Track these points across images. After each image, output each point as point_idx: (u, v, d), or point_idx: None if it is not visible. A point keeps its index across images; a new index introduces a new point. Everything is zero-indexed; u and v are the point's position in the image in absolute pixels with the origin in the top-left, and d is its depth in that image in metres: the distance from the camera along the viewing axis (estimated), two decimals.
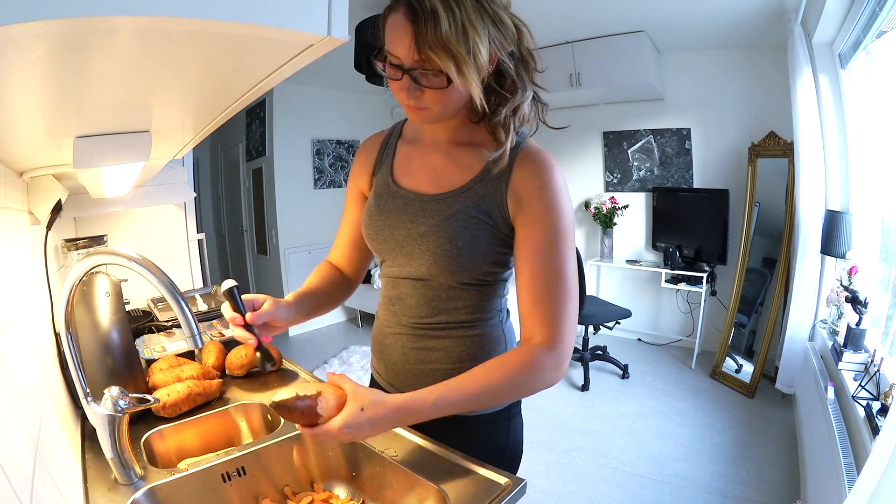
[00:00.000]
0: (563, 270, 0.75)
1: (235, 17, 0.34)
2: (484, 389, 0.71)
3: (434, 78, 0.69)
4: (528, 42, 0.76)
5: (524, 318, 0.77)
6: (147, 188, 1.68)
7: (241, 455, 0.86)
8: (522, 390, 0.74)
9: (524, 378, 0.72)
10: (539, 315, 0.75)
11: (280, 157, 4.20)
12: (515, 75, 0.75)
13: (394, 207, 0.85)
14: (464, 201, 0.80)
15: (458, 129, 0.83)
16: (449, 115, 0.78)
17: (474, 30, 0.66)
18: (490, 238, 0.80)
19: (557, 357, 0.73)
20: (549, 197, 0.76)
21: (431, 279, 0.83)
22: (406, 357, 0.89)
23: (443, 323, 0.86)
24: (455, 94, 0.72)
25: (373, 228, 0.87)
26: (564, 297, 0.75)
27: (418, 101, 0.73)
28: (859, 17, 1.99)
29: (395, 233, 0.84)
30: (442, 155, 0.85)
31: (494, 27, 0.69)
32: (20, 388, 0.65)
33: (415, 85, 0.71)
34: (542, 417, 2.78)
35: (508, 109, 0.76)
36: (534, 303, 0.75)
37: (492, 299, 0.87)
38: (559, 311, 0.74)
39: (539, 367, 0.72)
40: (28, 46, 0.32)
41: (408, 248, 0.83)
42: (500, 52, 0.72)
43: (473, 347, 0.86)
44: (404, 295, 0.87)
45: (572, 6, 2.87)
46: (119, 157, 0.68)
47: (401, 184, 0.87)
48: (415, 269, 0.84)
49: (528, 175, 0.77)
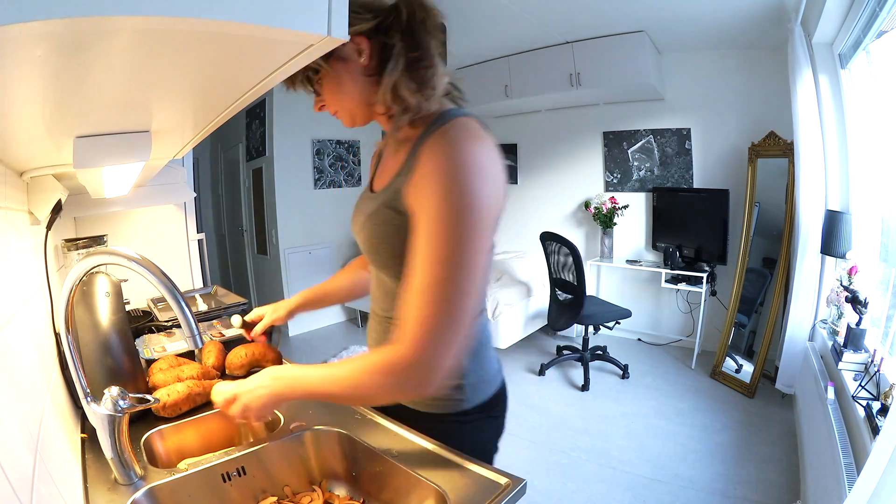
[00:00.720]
0: (436, 269, 0.64)
1: (235, 17, 0.34)
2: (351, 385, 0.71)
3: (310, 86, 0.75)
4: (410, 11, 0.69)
5: (401, 308, 0.69)
6: (147, 188, 1.68)
7: (241, 455, 0.86)
8: (378, 394, 0.73)
9: (377, 381, 0.67)
10: (414, 315, 0.65)
11: (280, 157, 4.20)
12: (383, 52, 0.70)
13: (359, 208, 0.90)
14: (382, 198, 0.78)
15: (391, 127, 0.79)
16: (357, 113, 0.78)
17: None
18: (402, 233, 0.72)
19: (410, 363, 0.64)
20: (439, 180, 0.65)
21: (378, 271, 0.87)
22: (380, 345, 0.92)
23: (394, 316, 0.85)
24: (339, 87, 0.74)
25: (353, 229, 0.93)
26: (444, 303, 0.64)
27: (328, 108, 0.78)
28: (859, 17, 1.99)
29: (357, 234, 0.89)
30: (391, 154, 0.86)
31: None
32: (20, 388, 0.65)
33: (317, 97, 0.77)
34: (542, 417, 2.78)
35: (381, 93, 0.71)
36: (410, 298, 0.67)
37: None
38: (433, 322, 0.64)
39: (390, 371, 0.66)
40: (28, 46, 0.32)
41: None
42: (359, 39, 0.69)
43: None
44: (374, 287, 0.91)
45: (572, 6, 2.87)
46: (119, 157, 0.68)
47: (373, 187, 0.89)
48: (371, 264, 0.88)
49: (426, 158, 0.68)
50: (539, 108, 4.19)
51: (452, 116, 0.72)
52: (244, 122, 4.54)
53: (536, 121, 4.33)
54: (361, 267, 1.11)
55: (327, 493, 0.86)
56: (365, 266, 1.09)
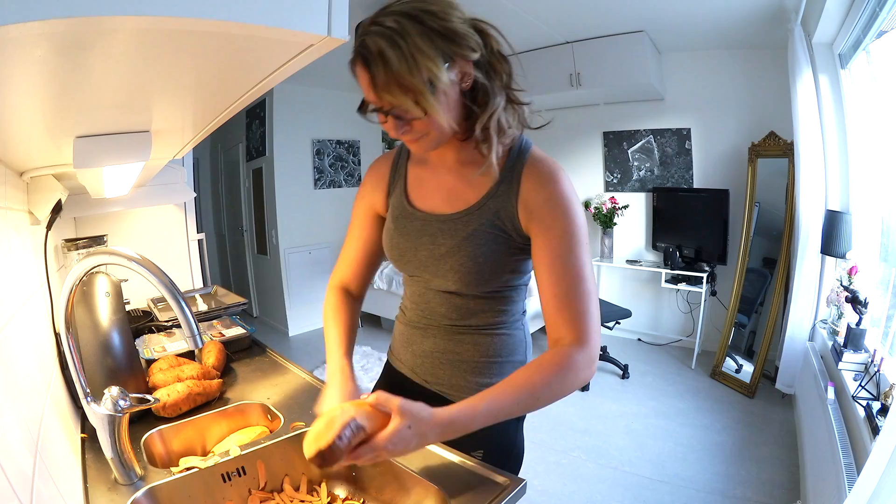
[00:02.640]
0: (581, 272, 0.77)
1: (235, 17, 0.34)
2: (528, 392, 0.72)
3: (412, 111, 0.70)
4: (498, 45, 0.75)
5: (551, 322, 0.79)
6: (147, 188, 1.68)
7: (241, 455, 0.86)
8: (561, 390, 0.75)
9: (562, 378, 0.74)
10: (565, 318, 0.77)
11: (280, 157, 4.20)
12: (484, 84, 0.74)
13: (413, 229, 0.88)
14: (479, 219, 0.83)
15: (461, 148, 0.84)
16: (447, 138, 0.78)
17: (425, 56, 0.65)
18: (507, 250, 0.83)
19: (589, 354, 0.76)
20: (560, 204, 0.78)
21: (457, 292, 0.88)
22: (437, 347, 0.93)
23: (472, 326, 0.90)
24: (441, 116, 0.71)
25: (395, 251, 0.91)
26: (586, 297, 0.77)
27: (411, 135, 0.75)
28: (859, 18, 1.99)
29: (417, 254, 0.88)
30: (452, 175, 0.87)
31: (449, 42, 0.68)
32: (20, 388, 0.65)
33: (400, 122, 0.73)
34: (542, 417, 2.78)
35: (481, 124, 0.76)
36: (558, 307, 0.77)
37: (515, 303, 0.92)
38: (584, 311, 0.76)
39: (575, 365, 0.74)
40: (28, 46, 0.32)
41: (432, 268, 0.87)
42: (468, 64, 0.71)
43: (501, 345, 0.91)
44: (433, 304, 0.92)
45: (572, 6, 2.87)
46: (119, 157, 0.68)
47: (416, 205, 0.89)
48: (441, 283, 0.88)
49: (536, 186, 0.80)
50: (539, 108, 4.14)
51: (528, 144, 0.85)
52: (244, 122, 4.54)
53: (536, 121, 4.32)
54: (346, 299, 0.98)
55: (328, 494, 0.86)
56: (347, 298, 0.98)
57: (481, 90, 0.75)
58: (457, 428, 0.68)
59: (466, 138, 0.80)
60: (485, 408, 0.69)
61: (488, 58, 0.74)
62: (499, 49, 0.75)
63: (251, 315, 4.99)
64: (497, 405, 0.70)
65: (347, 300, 0.99)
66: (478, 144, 0.79)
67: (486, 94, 0.75)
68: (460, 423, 0.68)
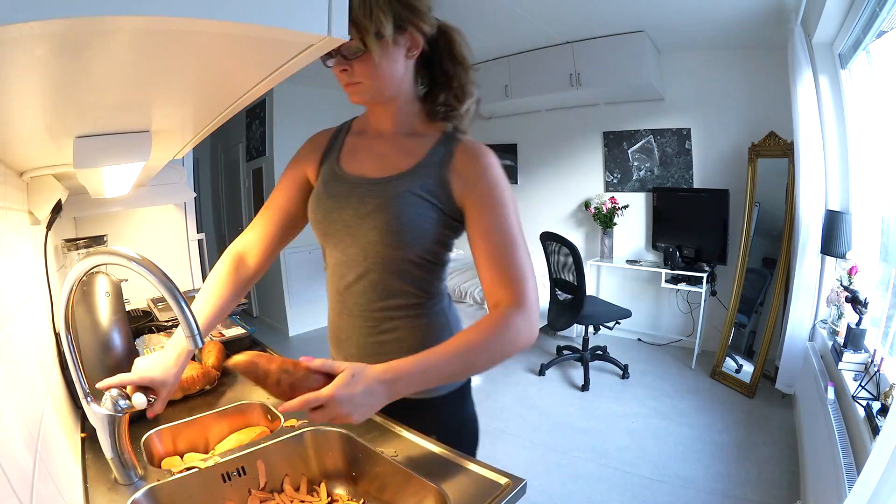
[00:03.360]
0: (515, 238, 0.82)
1: (235, 17, 0.34)
2: (464, 352, 0.75)
3: (353, 52, 0.76)
4: (459, 48, 0.87)
5: (488, 288, 0.82)
6: (147, 188, 1.68)
7: (241, 455, 0.86)
8: (500, 350, 0.77)
9: (500, 337, 0.76)
10: (503, 281, 0.80)
11: (280, 157, 4.20)
12: (450, 72, 0.86)
13: (340, 191, 0.89)
14: (409, 182, 0.85)
15: (398, 119, 0.89)
16: (382, 91, 0.83)
17: (379, 7, 0.72)
18: (436, 218, 0.85)
19: (527, 315, 0.78)
20: (494, 176, 0.84)
21: (377, 262, 0.86)
22: (363, 351, 0.92)
23: (391, 308, 0.89)
24: (379, 67, 0.78)
25: (320, 212, 0.90)
26: (522, 261, 0.81)
27: (351, 77, 0.80)
28: (859, 18, 1.99)
29: (342, 214, 0.87)
30: (386, 143, 0.90)
31: (405, 8, 0.76)
32: (20, 388, 0.65)
33: (343, 61, 0.78)
34: (542, 417, 2.78)
35: (449, 93, 0.87)
36: (495, 272, 0.81)
37: (434, 283, 0.92)
38: (520, 275, 0.80)
39: (513, 326, 0.77)
40: (28, 46, 0.32)
41: (354, 228, 0.86)
42: (418, 36, 0.80)
43: (423, 335, 0.91)
44: (350, 283, 0.90)
45: (572, 6, 2.87)
46: (119, 157, 0.68)
47: (346, 170, 0.91)
48: (360, 249, 0.87)
49: (470, 159, 0.85)
50: (539, 108, 4.19)
51: (464, 132, 0.91)
52: (244, 122, 4.54)
53: (536, 121, 4.33)
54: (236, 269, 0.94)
55: (329, 494, 0.86)
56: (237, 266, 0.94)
57: (438, 69, 0.87)
58: (397, 380, 0.71)
59: (423, 107, 0.89)
60: (418, 361, 0.73)
61: (452, 53, 0.86)
62: (457, 49, 0.87)
63: (251, 315, 4.99)
64: (430, 361, 0.73)
65: (234, 274, 0.93)
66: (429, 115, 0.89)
67: (445, 74, 0.87)
68: (401, 375, 0.71)
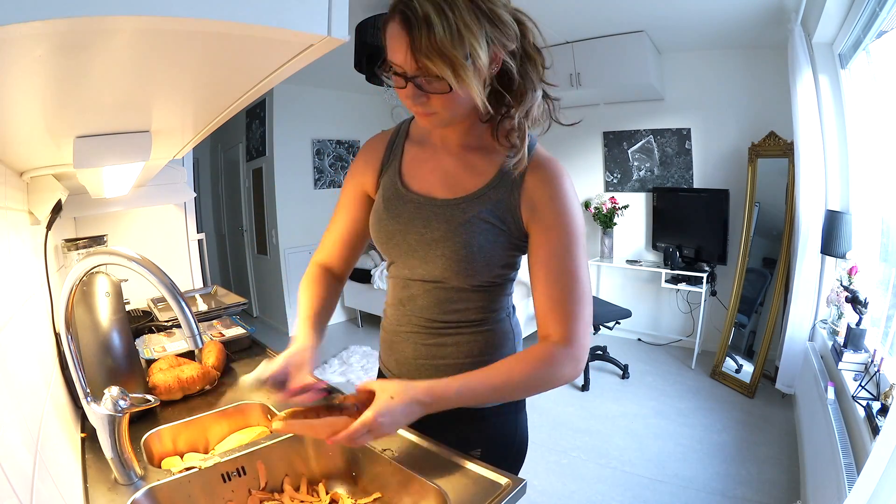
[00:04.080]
0: (577, 273, 0.78)
1: (235, 17, 0.34)
2: (505, 381, 0.74)
3: (437, 83, 0.69)
4: (534, 38, 0.74)
5: (542, 319, 0.79)
6: (147, 188, 1.68)
7: (241, 455, 0.86)
8: (540, 384, 0.76)
9: (543, 372, 0.75)
10: (556, 316, 0.77)
11: (280, 157, 4.20)
12: (521, 75, 0.74)
13: (404, 212, 0.84)
14: (478, 207, 0.80)
15: (468, 132, 0.83)
16: (459, 119, 0.77)
17: (470, 32, 0.64)
18: (503, 244, 0.81)
19: (574, 354, 0.76)
20: (562, 204, 0.79)
21: (444, 282, 0.84)
22: (418, 353, 0.90)
23: (454, 322, 0.87)
24: (462, 98, 0.71)
25: (383, 233, 0.87)
26: (579, 298, 0.77)
27: (426, 108, 0.73)
28: (859, 17, 1.99)
29: (406, 237, 0.84)
30: (453, 159, 0.84)
31: (492, 26, 0.67)
32: (20, 388, 0.65)
33: (419, 92, 0.71)
34: (542, 417, 2.78)
35: (521, 112, 0.75)
36: (551, 305, 0.78)
37: (500, 298, 0.89)
38: (574, 312, 0.77)
39: (557, 362, 0.75)
40: (28, 46, 0.32)
41: (421, 253, 0.83)
42: (502, 51, 0.70)
43: (484, 343, 0.88)
44: (415, 296, 0.88)
45: (572, 6, 2.86)
46: (119, 157, 0.68)
47: (410, 187, 0.85)
48: (427, 272, 0.84)
49: (541, 183, 0.79)
50: None
51: (534, 142, 0.83)
52: (244, 122, 4.54)
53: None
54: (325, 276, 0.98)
55: (332, 493, 0.86)
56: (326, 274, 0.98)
57: (516, 80, 0.74)
58: (434, 398, 0.71)
59: (488, 121, 0.80)
60: (460, 385, 0.73)
61: (525, 49, 0.73)
62: (534, 41, 0.74)
63: (251, 315, 4.99)
64: (471, 385, 0.73)
65: (326, 275, 0.97)
66: (509, 133, 0.78)
67: (523, 85, 0.75)
68: (437, 394, 0.71)
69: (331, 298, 0.94)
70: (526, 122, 0.77)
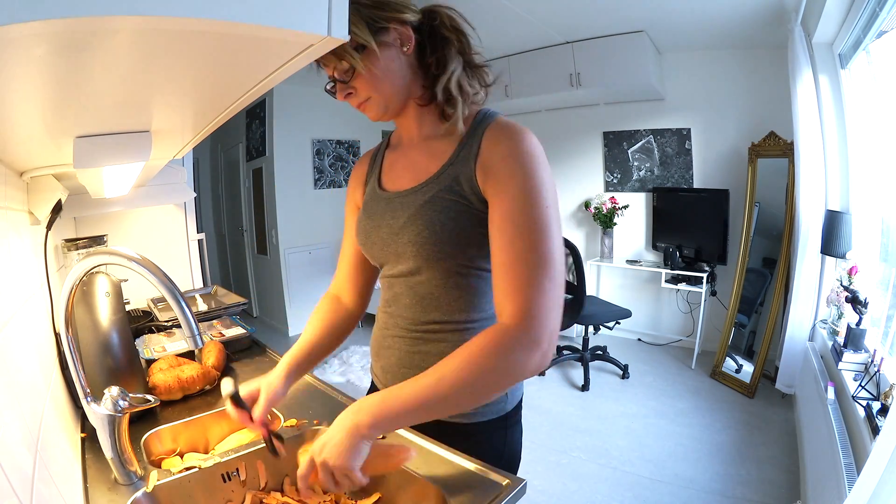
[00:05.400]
0: (536, 238, 0.67)
1: (235, 17, 0.34)
2: (434, 382, 0.63)
3: (345, 73, 0.73)
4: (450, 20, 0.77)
5: (495, 294, 0.69)
6: (147, 188, 1.68)
7: (241, 455, 0.86)
8: (491, 377, 0.63)
9: (488, 361, 0.62)
10: (508, 287, 0.67)
11: (280, 157, 4.20)
12: (433, 48, 0.77)
13: (377, 209, 0.86)
14: (436, 187, 0.78)
15: (421, 119, 0.84)
16: (394, 101, 0.79)
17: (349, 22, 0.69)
18: (468, 219, 0.76)
19: (531, 335, 0.63)
20: (519, 162, 0.71)
21: (419, 274, 0.82)
22: (402, 361, 0.87)
23: (436, 322, 0.83)
24: (378, 76, 0.74)
25: (361, 234, 0.88)
26: (537, 266, 0.66)
27: (356, 98, 0.76)
28: (859, 17, 1.99)
29: (379, 232, 0.84)
30: (418, 150, 0.85)
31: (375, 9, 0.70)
32: (20, 388, 0.65)
33: (342, 86, 0.75)
34: (542, 417, 2.78)
35: (440, 86, 0.77)
36: (502, 274, 0.68)
37: (484, 295, 0.83)
38: (530, 282, 0.65)
39: (505, 347, 0.63)
40: (28, 46, 0.32)
41: (392, 245, 0.82)
42: (404, 28, 0.74)
43: None
44: (398, 294, 0.86)
45: (572, 6, 2.87)
46: (119, 157, 0.68)
47: (385, 187, 0.88)
48: (404, 265, 0.83)
49: (494, 144, 0.74)
50: (539, 108, 4.19)
51: (494, 114, 0.81)
52: (244, 122, 4.54)
53: (536, 121, 4.32)
54: (332, 306, 0.98)
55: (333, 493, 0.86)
56: (332, 304, 0.98)
57: (431, 56, 0.77)
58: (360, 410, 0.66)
59: (429, 103, 0.81)
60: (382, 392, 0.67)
61: (437, 28, 0.77)
62: (451, 22, 0.77)
63: (251, 315, 4.99)
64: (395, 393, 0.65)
65: (332, 306, 0.96)
66: (442, 110, 0.79)
67: (443, 60, 0.77)
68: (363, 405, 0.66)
69: (331, 332, 0.94)
70: (453, 90, 0.77)
